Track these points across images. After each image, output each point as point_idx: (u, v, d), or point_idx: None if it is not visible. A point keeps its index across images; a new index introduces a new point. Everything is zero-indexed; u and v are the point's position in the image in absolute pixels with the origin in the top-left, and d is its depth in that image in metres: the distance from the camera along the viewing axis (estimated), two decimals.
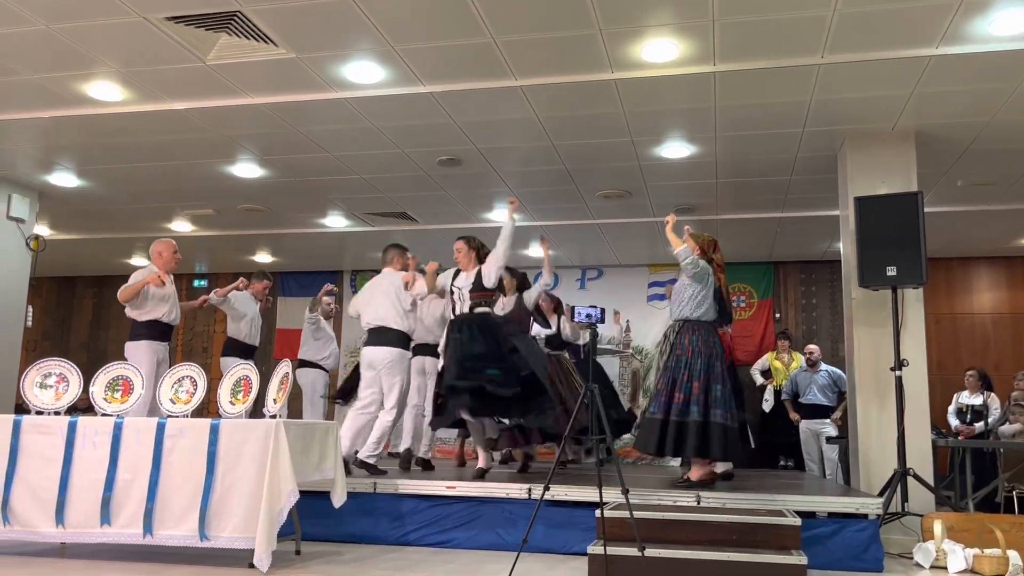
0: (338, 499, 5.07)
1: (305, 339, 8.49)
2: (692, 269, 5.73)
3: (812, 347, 9.47)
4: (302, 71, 5.65)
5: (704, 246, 5.97)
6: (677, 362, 5.61)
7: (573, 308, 4.40)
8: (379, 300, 6.42)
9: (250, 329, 7.55)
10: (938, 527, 5.06)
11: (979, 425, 8.02)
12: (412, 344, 6.66)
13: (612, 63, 5.47)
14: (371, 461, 6.07)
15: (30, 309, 8.59)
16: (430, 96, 5.98)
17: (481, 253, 6.38)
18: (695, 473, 5.74)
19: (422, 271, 6.47)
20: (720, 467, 6.11)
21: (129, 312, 6.46)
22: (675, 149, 6.96)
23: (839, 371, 8.92)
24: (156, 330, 6.44)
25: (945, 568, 4.91)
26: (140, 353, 6.28)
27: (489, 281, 6.11)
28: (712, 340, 5.69)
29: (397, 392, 6.25)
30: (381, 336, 6.30)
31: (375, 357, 6.28)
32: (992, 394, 8.39)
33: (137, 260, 11.79)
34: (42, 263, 8.96)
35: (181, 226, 9.78)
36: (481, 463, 6.35)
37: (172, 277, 6.73)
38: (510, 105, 6.10)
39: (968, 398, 8.45)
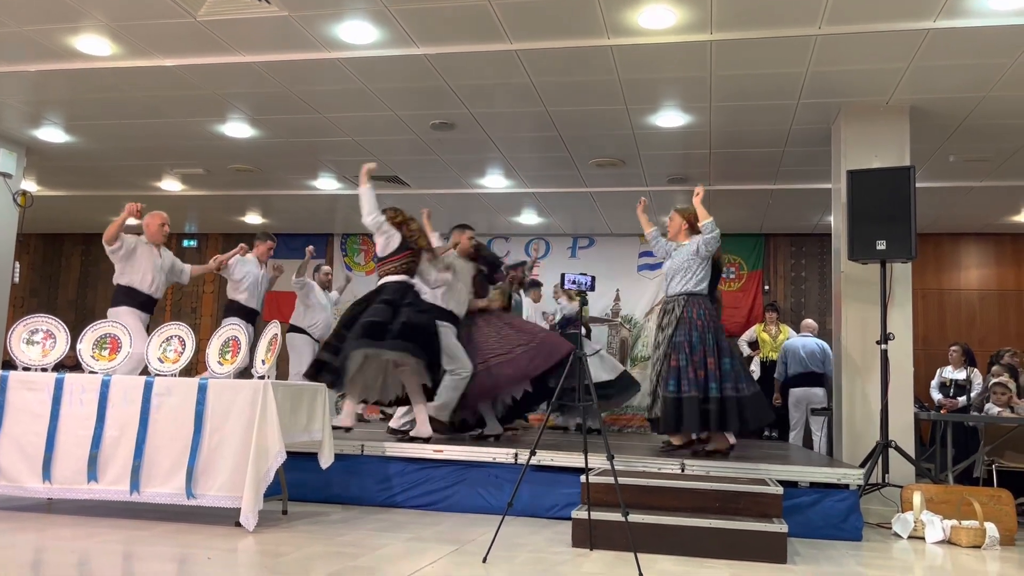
0: (325, 460, 5.10)
1: (297, 304, 8.42)
2: (715, 244, 5.66)
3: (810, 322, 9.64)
4: (295, 29, 5.57)
5: (691, 220, 5.87)
6: (689, 337, 5.48)
7: (563, 275, 4.40)
8: None
9: (250, 293, 7.24)
10: (917, 498, 5.13)
11: (962, 399, 8.11)
12: None
13: (608, 29, 5.42)
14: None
15: (17, 265, 8.54)
16: (424, 58, 5.92)
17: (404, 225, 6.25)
18: (720, 443, 5.65)
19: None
20: (732, 438, 6.13)
21: (116, 277, 6.34)
22: (670, 118, 6.93)
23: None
24: (136, 300, 6.25)
25: (923, 538, 4.99)
26: (123, 318, 6.03)
27: (380, 250, 6.12)
28: (714, 314, 5.67)
29: None
30: None
31: None
32: (975, 369, 8.48)
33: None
34: (30, 219, 8.88)
35: (171, 185, 9.70)
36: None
37: (160, 250, 6.52)
38: (505, 69, 6.05)
39: (951, 373, 8.54)
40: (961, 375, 8.36)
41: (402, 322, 5.65)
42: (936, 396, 8.55)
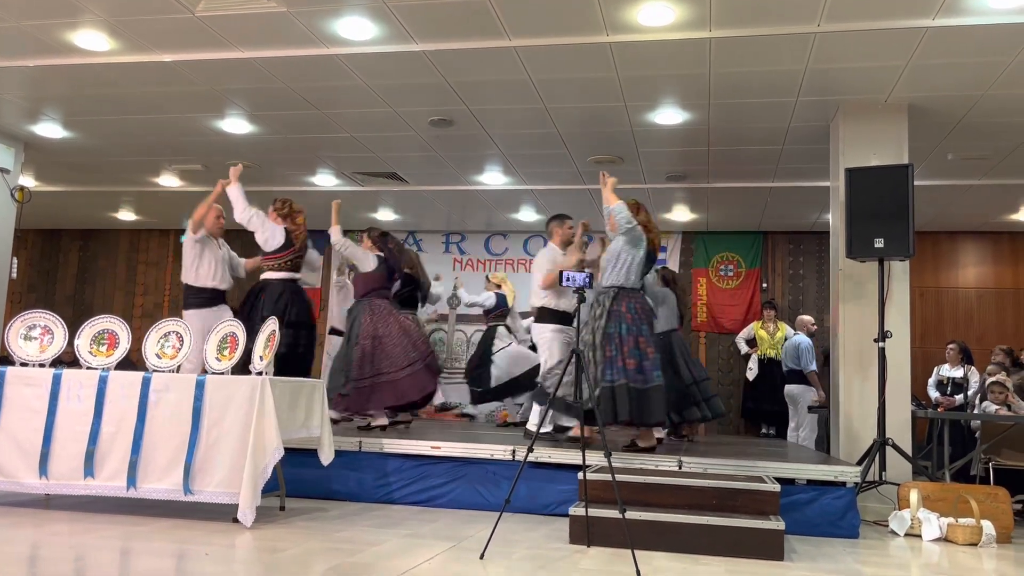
0: (326, 457, 5.10)
1: (332, 305, 8.26)
2: (626, 225, 5.45)
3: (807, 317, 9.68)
4: (293, 25, 5.56)
5: (631, 207, 5.61)
6: (618, 328, 5.35)
7: (562, 273, 4.40)
8: None
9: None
10: (914, 496, 5.14)
11: (959, 398, 8.12)
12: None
13: (608, 26, 5.41)
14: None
15: (15, 261, 8.52)
16: (423, 54, 5.91)
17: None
18: (648, 439, 5.59)
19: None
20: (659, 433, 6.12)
21: (183, 276, 6.29)
22: (668, 115, 6.92)
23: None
24: (203, 296, 6.22)
25: (919, 536, 5.00)
26: (192, 321, 5.86)
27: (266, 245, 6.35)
28: (645, 307, 5.59)
29: None
30: None
31: None
32: (972, 367, 8.49)
33: (124, 214, 11.71)
34: (27, 215, 8.87)
35: (169, 181, 9.69)
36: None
37: (220, 241, 6.45)
38: (503, 66, 6.04)
39: (949, 371, 8.55)
40: (958, 373, 8.37)
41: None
42: (933, 394, 8.56)
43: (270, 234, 6.34)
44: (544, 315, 6.12)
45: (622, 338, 5.35)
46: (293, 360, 6.15)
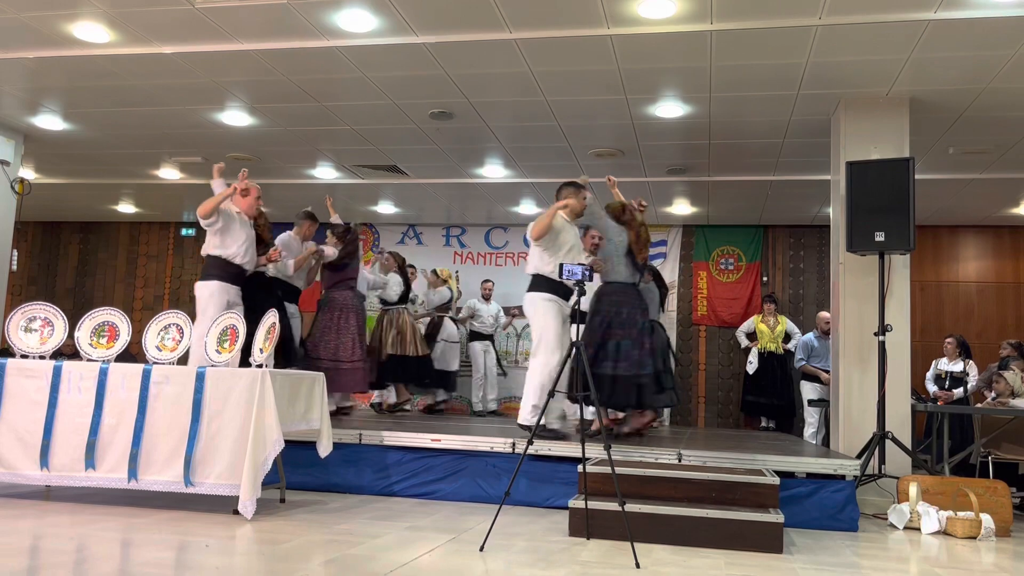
0: (324, 449, 5.11)
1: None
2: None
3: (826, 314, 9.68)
4: (293, 17, 5.55)
5: (615, 213, 6.11)
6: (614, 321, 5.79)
7: (561, 265, 4.39)
8: None
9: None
10: (913, 489, 5.15)
11: (958, 391, 8.13)
12: None
13: (608, 18, 5.40)
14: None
15: (15, 253, 8.53)
16: (423, 47, 5.90)
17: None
18: (640, 422, 6.02)
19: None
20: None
21: (206, 248, 6.08)
22: (669, 108, 6.91)
23: None
24: (228, 271, 6.01)
25: (919, 529, 5.01)
26: (206, 292, 5.90)
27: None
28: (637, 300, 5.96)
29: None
30: None
31: None
32: (971, 361, 8.49)
33: (124, 207, 11.71)
34: (27, 207, 8.88)
35: (169, 173, 9.68)
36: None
37: (252, 222, 6.25)
38: (504, 58, 6.03)
39: (947, 364, 8.55)
40: (957, 367, 8.38)
41: None
42: (932, 388, 8.57)
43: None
44: (539, 283, 5.73)
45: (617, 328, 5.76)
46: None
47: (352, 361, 7.21)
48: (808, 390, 9.33)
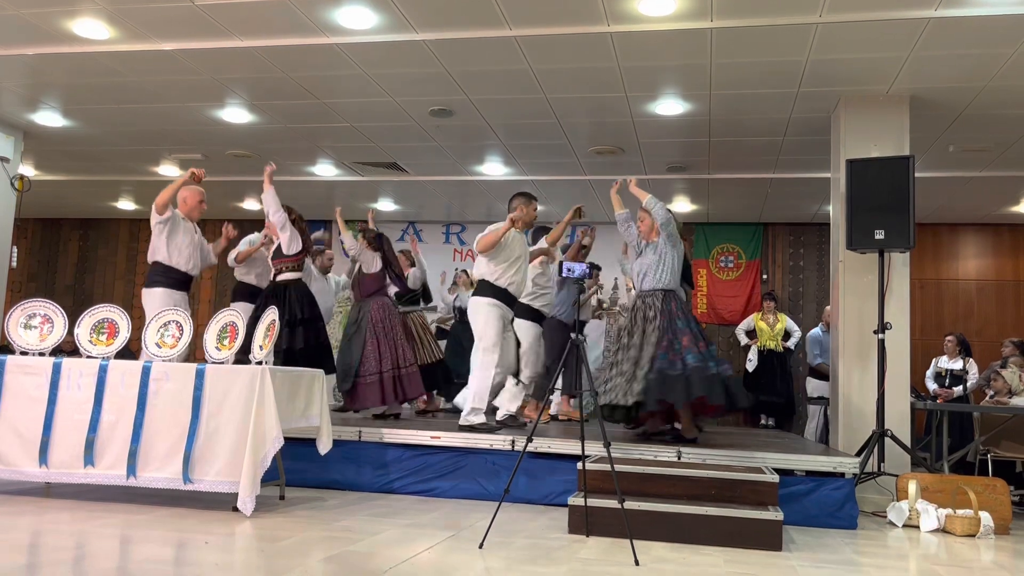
0: (324, 446, 5.11)
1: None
2: (668, 226, 5.71)
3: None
4: (293, 14, 5.55)
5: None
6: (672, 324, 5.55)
7: (561, 263, 4.39)
8: None
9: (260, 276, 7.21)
10: (912, 487, 5.15)
11: (958, 389, 8.13)
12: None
13: (608, 16, 5.39)
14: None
15: (15, 250, 8.52)
16: (423, 44, 5.89)
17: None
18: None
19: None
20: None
21: (151, 255, 6.06)
22: (669, 106, 6.91)
23: None
24: (173, 278, 5.98)
25: (918, 527, 5.02)
26: (157, 300, 5.84)
27: (287, 248, 6.45)
28: (685, 305, 5.82)
29: None
30: None
31: None
32: (971, 359, 8.49)
33: (124, 203, 11.70)
34: (27, 204, 8.87)
35: (169, 170, 9.68)
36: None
37: (195, 225, 6.24)
38: (504, 56, 6.02)
39: (947, 362, 8.55)
40: (957, 365, 8.37)
41: None
42: (931, 386, 8.57)
43: (292, 237, 6.48)
44: (484, 289, 5.88)
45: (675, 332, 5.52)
46: (317, 351, 6.48)
47: (408, 366, 6.89)
48: (813, 387, 9.30)
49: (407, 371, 6.80)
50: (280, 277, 6.51)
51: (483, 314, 5.84)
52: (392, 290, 7.24)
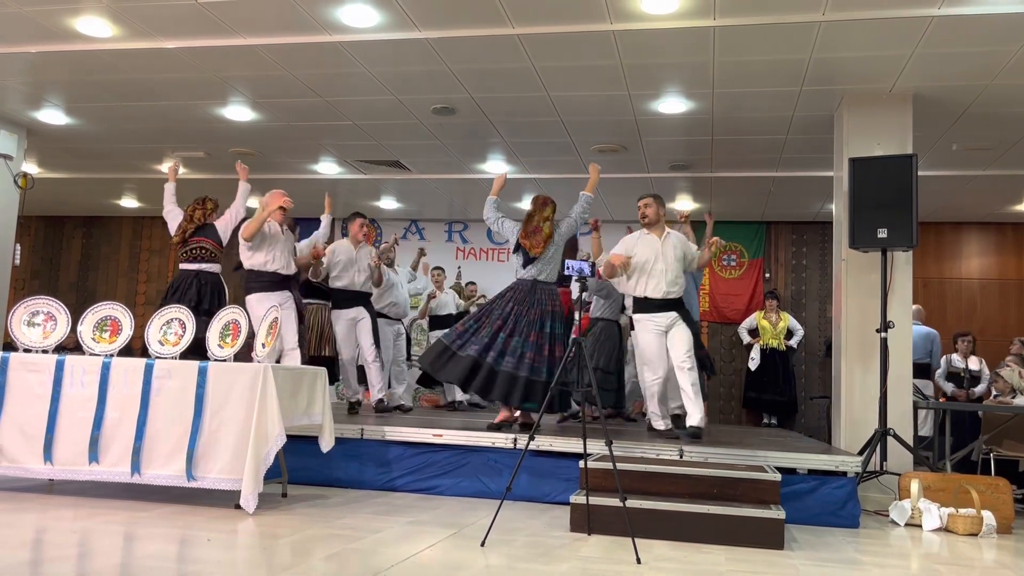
0: (326, 444, 5.11)
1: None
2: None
3: None
4: (296, 12, 5.55)
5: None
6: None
7: (564, 261, 4.40)
8: None
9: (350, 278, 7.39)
10: (915, 486, 5.15)
11: (978, 389, 8.07)
12: None
13: (611, 14, 5.39)
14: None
15: (18, 247, 8.54)
16: (426, 42, 5.89)
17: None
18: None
19: None
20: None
21: (246, 261, 6.23)
22: (672, 104, 6.90)
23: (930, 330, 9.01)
24: (269, 280, 6.17)
25: (920, 526, 5.01)
26: (252, 308, 5.98)
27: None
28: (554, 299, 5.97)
29: None
30: None
31: None
32: (983, 360, 8.44)
33: (127, 201, 11.72)
34: (31, 201, 8.88)
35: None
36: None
37: (283, 228, 6.31)
38: (507, 54, 6.02)
39: (959, 362, 8.46)
40: (975, 365, 8.28)
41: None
42: (947, 386, 8.44)
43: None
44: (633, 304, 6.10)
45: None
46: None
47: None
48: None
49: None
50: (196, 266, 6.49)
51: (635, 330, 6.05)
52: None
